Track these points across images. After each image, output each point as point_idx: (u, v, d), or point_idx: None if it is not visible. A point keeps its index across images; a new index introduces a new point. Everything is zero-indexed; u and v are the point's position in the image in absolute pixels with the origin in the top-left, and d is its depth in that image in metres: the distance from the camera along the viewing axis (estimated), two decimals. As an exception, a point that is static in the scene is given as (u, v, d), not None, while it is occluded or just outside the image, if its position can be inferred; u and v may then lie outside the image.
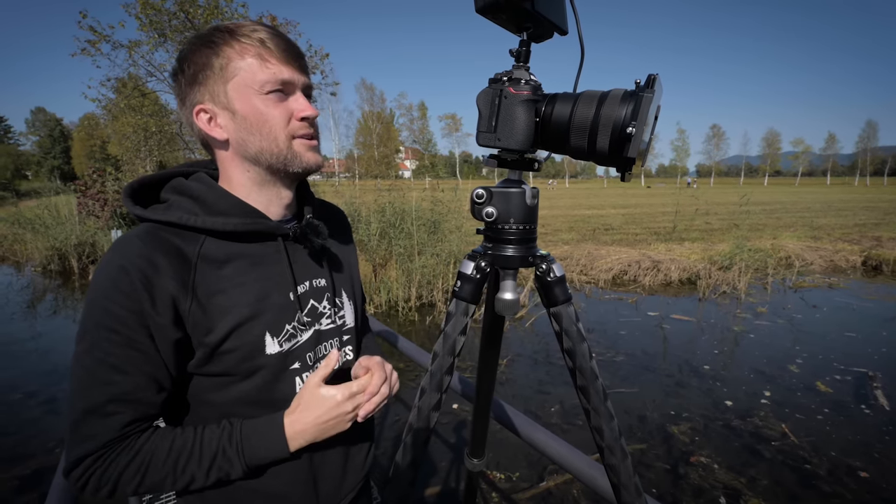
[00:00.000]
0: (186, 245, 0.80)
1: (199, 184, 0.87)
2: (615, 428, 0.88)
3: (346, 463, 1.02)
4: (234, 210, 0.85)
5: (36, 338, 6.74)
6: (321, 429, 0.83)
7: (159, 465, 0.77)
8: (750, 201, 15.78)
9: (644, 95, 0.66)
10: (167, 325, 0.76)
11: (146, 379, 0.77)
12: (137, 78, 13.64)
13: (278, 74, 0.81)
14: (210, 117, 0.84)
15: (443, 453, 3.83)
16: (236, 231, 0.83)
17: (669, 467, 3.67)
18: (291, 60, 0.83)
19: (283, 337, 0.88)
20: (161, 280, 0.75)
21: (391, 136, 69.85)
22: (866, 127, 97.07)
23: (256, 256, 0.87)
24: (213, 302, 0.80)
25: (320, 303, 0.97)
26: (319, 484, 0.96)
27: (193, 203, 0.85)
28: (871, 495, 3.35)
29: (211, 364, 0.82)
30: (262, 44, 0.81)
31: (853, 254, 12.04)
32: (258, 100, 0.81)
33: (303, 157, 0.86)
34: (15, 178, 58.08)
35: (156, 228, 0.80)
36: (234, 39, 0.80)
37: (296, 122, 0.84)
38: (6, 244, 14.12)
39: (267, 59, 0.81)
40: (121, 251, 0.76)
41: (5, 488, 3.46)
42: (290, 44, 0.84)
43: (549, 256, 0.90)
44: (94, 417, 0.74)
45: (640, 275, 9.93)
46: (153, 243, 0.77)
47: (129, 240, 0.78)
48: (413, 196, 9.22)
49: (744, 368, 5.55)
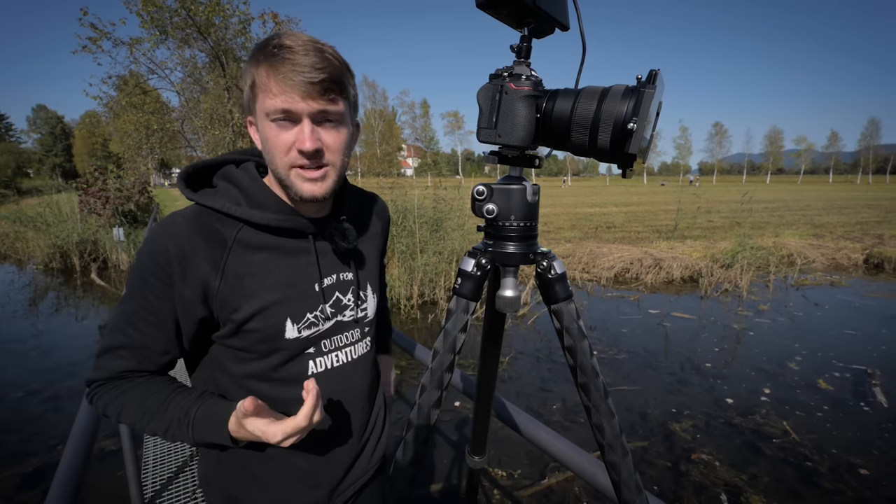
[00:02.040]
0: (225, 228, 0.88)
1: (245, 175, 0.93)
2: (616, 425, 0.88)
3: (360, 446, 1.08)
4: (271, 205, 0.91)
5: (38, 336, 6.75)
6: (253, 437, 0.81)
7: (131, 411, 0.86)
8: (752, 199, 15.74)
9: (645, 91, 0.66)
10: (194, 300, 0.85)
11: (154, 341, 0.86)
12: (139, 75, 13.66)
13: (278, 104, 0.80)
14: (255, 128, 0.90)
15: (444, 451, 3.83)
16: (271, 225, 0.89)
17: (671, 465, 3.67)
18: (298, 88, 0.79)
19: (304, 324, 0.94)
20: (196, 259, 0.83)
21: (393, 133, 69.90)
22: (869, 125, 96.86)
23: (287, 248, 0.93)
24: (242, 283, 0.87)
25: (345, 295, 1.02)
26: (336, 464, 1.03)
27: (238, 192, 0.91)
28: (872, 492, 3.35)
29: (235, 338, 0.90)
30: (272, 68, 0.79)
31: (855, 252, 12.02)
32: (267, 125, 0.83)
33: (299, 187, 0.86)
34: (16, 175, 58.07)
35: (201, 211, 0.88)
36: (263, 58, 0.81)
37: (294, 152, 0.83)
38: (8, 242, 14.17)
39: (271, 88, 0.80)
40: (166, 228, 0.85)
41: (8, 485, 3.48)
42: (303, 67, 0.78)
43: (549, 253, 0.89)
44: (108, 355, 0.87)
45: (642, 273, 9.93)
46: (195, 225, 0.86)
47: (175, 219, 0.86)
48: (415, 194, 9.22)
49: (745, 366, 5.55)
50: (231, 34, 13.45)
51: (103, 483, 3.33)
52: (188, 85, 14.44)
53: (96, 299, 9.06)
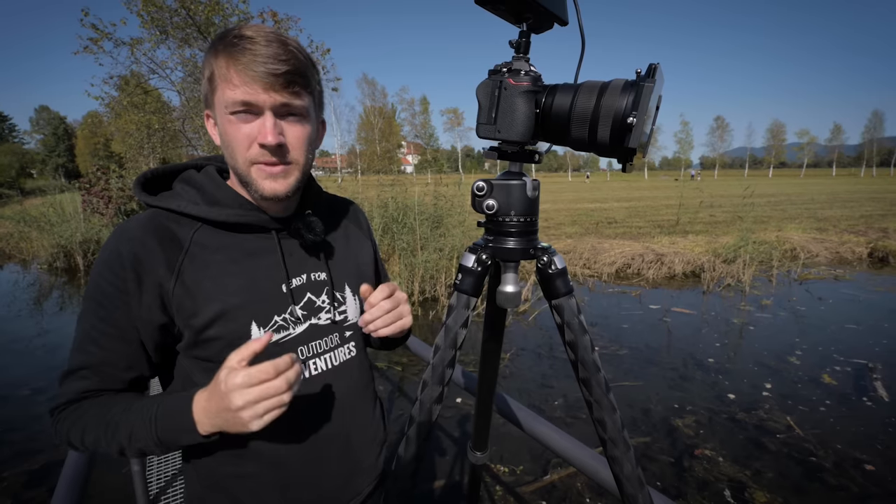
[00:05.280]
0: (182, 230, 0.84)
1: (204, 176, 0.90)
2: (617, 420, 0.88)
3: (355, 463, 1.02)
4: (230, 202, 0.88)
5: (42, 335, 6.79)
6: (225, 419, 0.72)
7: (93, 426, 0.79)
8: (754, 193, 15.70)
9: (645, 85, 0.65)
10: (152, 306, 0.81)
11: (117, 356, 0.82)
12: (140, 75, 13.67)
13: (238, 96, 0.77)
14: (213, 122, 0.86)
15: (446, 447, 3.84)
16: (230, 221, 0.86)
17: (674, 460, 3.67)
18: (259, 79, 0.76)
19: (271, 328, 0.88)
20: (150, 262, 0.80)
21: (393, 131, 69.75)
22: (872, 117, 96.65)
23: (250, 248, 0.89)
24: (200, 286, 0.83)
25: (319, 297, 0.96)
26: (323, 480, 0.96)
27: (196, 193, 0.88)
28: (878, 488, 3.34)
29: (198, 348, 0.84)
30: (232, 58, 0.76)
31: (859, 245, 11.97)
32: (226, 119, 0.80)
33: (259, 184, 0.83)
34: (20, 176, 58.21)
35: (156, 214, 0.85)
36: (223, 48, 0.77)
37: (256, 147, 0.80)
38: (12, 242, 14.22)
39: (231, 78, 0.77)
40: (119, 234, 0.82)
41: (15, 483, 3.50)
42: (266, 58, 0.76)
43: (550, 248, 0.89)
44: (69, 378, 0.82)
45: (644, 268, 9.92)
46: (149, 227, 0.83)
47: (128, 224, 0.84)
48: (415, 191, 9.21)
49: (748, 361, 5.55)
50: (231, 33, 13.43)
51: (108, 480, 3.34)
52: (189, 84, 14.44)
53: (100, 298, 9.08)
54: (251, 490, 0.91)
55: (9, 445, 3.99)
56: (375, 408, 1.10)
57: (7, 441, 4.06)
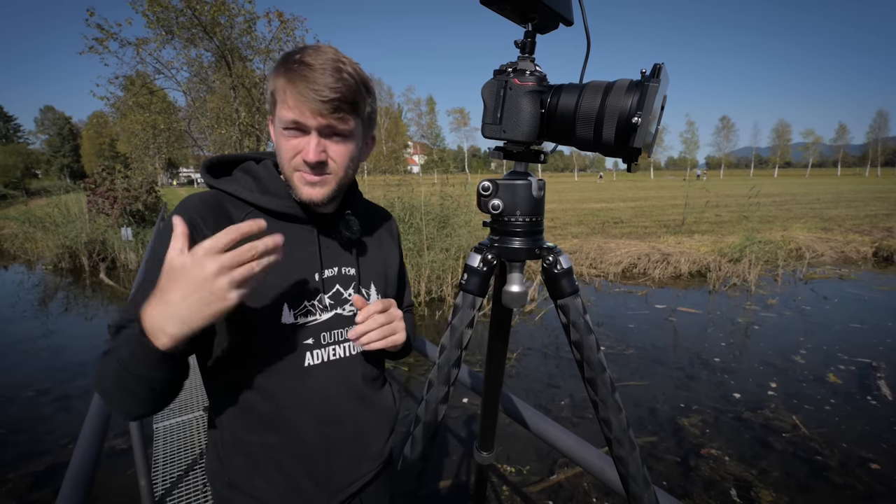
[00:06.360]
0: (235, 211, 0.95)
1: (262, 168, 1.00)
2: (623, 419, 0.88)
3: (363, 448, 1.08)
4: (281, 193, 0.97)
5: (48, 335, 6.80)
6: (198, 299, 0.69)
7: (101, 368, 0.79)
8: (760, 193, 15.66)
9: (650, 85, 0.65)
10: None
11: None
12: (145, 75, 13.74)
13: (290, 115, 0.87)
14: (273, 127, 0.96)
15: (453, 447, 3.84)
16: (278, 210, 0.96)
17: (680, 460, 3.67)
18: (309, 104, 0.84)
19: (300, 311, 0.98)
20: (205, 230, 0.88)
21: (399, 131, 69.89)
22: (877, 117, 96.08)
23: (292, 237, 0.96)
24: None
25: (346, 289, 1.05)
26: (334, 460, 1.02)
27: (252, 181, 0.98)
28: (883, 487, 3.33)
29: (232, 319, 0.89)
30: (290, 82, 0.85)
31: (864, 245, 11.93)
32: (279, 131, 0.91)
33: (299, 189, 0.93)
34: (25, 176, 58.35)
35: (216, 194, 0.96)
36: (284, 71, 0.87)
37: (299, 159, 0.90)
38: (17, 242, 14.31)
39: (287, 100, 0.86)
40: (183, 204, 0.93)
41: (20, 484, 3.52)
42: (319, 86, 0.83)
43: (555, 248, 0.89)
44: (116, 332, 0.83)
45: (650, 268, 9.90)
46: (210, 202, 0.94)
47: (191, 197, 0.95)
48: (422, 191, 9.22)
49: (754, 360, 5.53)
50: (236, 33, 13.50)
51: (114, 481, 3.36)
52: (194, 84, 14.51)
53: (105, 299, 9.14)
54: (271, 458, 0.98)
55: (14, 447, 4.02)
56: (386, 398, 1.16)
57: (12, 442, 4.09)
